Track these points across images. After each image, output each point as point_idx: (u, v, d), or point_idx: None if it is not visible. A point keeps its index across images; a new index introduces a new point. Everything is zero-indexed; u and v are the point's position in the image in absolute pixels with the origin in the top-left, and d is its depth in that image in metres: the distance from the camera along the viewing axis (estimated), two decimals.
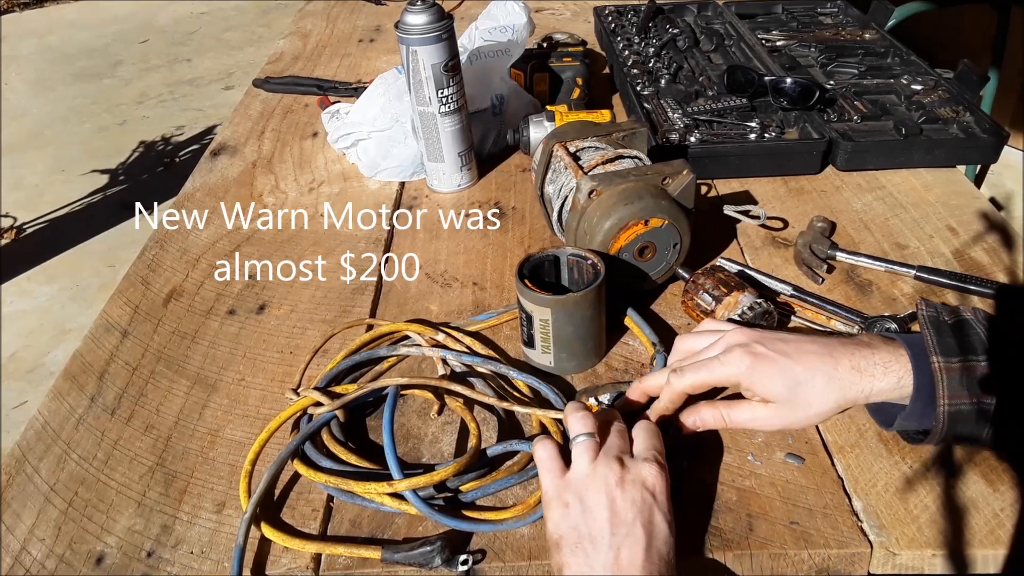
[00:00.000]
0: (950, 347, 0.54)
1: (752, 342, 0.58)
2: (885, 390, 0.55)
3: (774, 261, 0.83)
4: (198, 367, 0.75)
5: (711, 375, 0.58)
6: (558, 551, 0.51)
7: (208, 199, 1.03)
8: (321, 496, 0.61)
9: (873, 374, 0.55)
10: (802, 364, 0.56)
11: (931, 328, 0.55)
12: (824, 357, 0.56)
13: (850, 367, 0.55)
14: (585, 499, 0.52)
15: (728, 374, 0.58)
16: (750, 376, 0.57)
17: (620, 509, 0.51)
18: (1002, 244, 0.83)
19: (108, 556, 0.58)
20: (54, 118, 3.51)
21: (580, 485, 0.53)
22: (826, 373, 0.55)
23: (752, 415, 0.59)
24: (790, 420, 0.58)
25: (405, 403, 0.69)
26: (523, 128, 1.03)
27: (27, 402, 1.98)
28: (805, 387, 0.56)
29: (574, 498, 0.52)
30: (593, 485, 0.52)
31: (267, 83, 1.33)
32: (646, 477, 0.53)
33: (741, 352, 0.57)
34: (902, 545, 0.54)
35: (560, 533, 0.51)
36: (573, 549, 0.50)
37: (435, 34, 0.87)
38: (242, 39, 4.25)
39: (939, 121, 0.99)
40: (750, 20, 1.33)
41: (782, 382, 0.56)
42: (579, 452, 0.54)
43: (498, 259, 0.87)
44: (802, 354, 0.56)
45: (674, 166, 0.75)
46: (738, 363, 0.57)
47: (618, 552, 0.49)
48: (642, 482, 0.52)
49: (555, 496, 0.53)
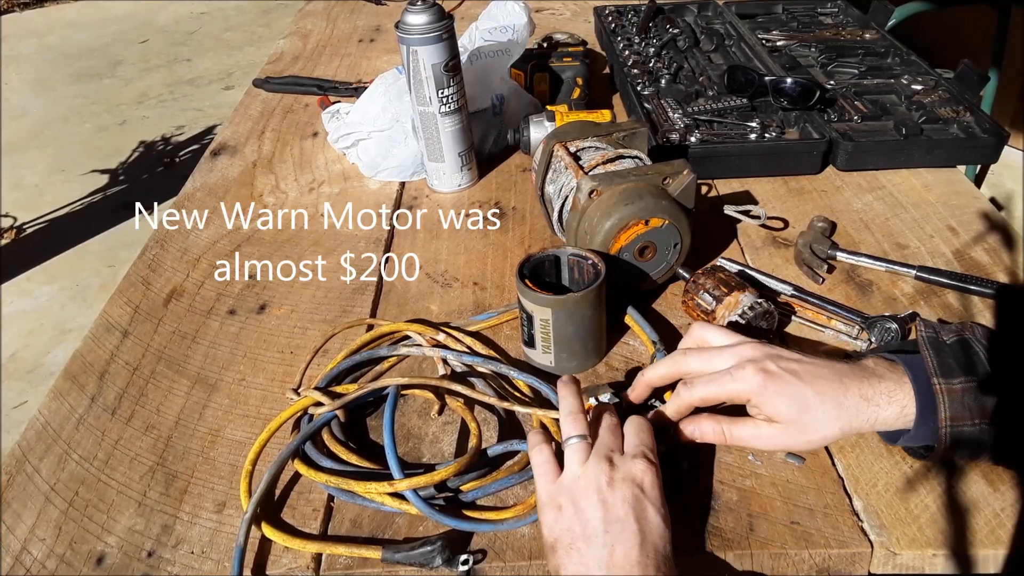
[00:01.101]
0: (950, 368, 0.54)
1: (765, 358, 0.57)
2: (889, 419, 0.55)
3: (774, 261, 0.83)
4: (198, 367, 0.75)
5: (721, 389, 0.58)
6: (554, 554, 0.51)
7: (208, 199, 1.03)
8: (321, 496, 0.61)
9: (879, 404, 0.55)
10: (813, 388, 0.55)
11: (931, 350, 0.56)
12: (834, 383, 0.55)
13: (859, 395, 0.55)
14: (577, 501, 0.52)
15: (738, 390, 0.57)
16: (760, 394, 0.56)
17: (612, 507, 0.51)
18: (1002, 244, 0.83)
19: (109, 556, 0.58)
20: (54, 118, 3.51)
21: (572, 487, 0.53)
22: (835, 400, 0.55)
23: (755, 433, 0.58)
24: (792, 443, 0.57)
25: (405, 403, 0.69)
26: (523, 128, 1.03)
27: (27, 402, 1.98)
28: (813, 411, 0.55)
29: (567, 501, 0.52)
30: (584, 487, 0.52)
31: (267, 83, 1.33)
32: (635, 473, 0.53)
33: (754, 369, 0.56)
34: (903, 545, 0.54)
35: (555, 536, 0.52)
36: (568, 550, 0.50)
37: (435, 34, 0.87)
38: (242, 39, 4.25)
39: (939, 121, 0.99)
40: (750, 20, 1.33)
41: (791, 404, 0.55)
42: (571, 454, 0.55)
43: (498, 259, 0.87)
44: (814, 378, 0.56)
45: (674, 166, 0.75)
46: (750, 380, 0.56)
47: (612, 549, 0.49)
48: (632, 479, 0.53)
49: (548, 501, 0.53)
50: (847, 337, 0.71)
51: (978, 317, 0.74)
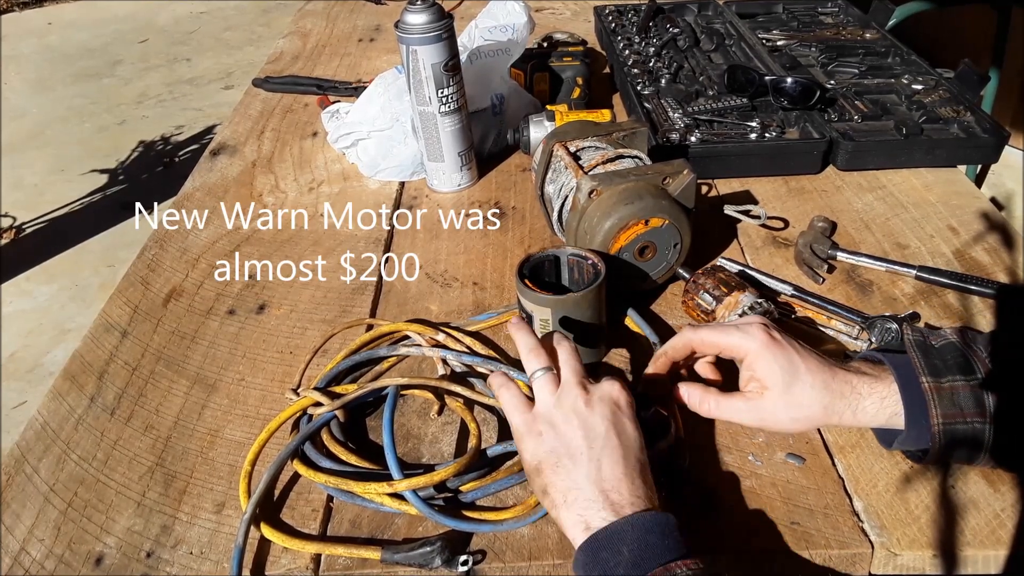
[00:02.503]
0: (938, 368, 0.55)
1: (772, 327, 0.59)
2: (870, 411, 0.56)
3: (775, 261, 0.83)
4: (198, 367, 0.75)
5: (726, 337, 0.59)
6: (539, 475, 0.53)
7: (208, 199, 1.03)
8: (321, 496, 0.61)
9: (860, 392, 0.56)
10: (805, 363, 0.57)
11: (918, 351, 0.56)
12: (824, 365, 0.57)
13: (843, 381, 0.56)
14: (557, 425, 0.54)
15: (741, 344, 0.58)
16: (759, 353, 0.57)
17: (592, 425, 0.53)
18: (1003, 244, 0.83)
19: (107, 556, 0.58)
20: (54, 118, 3.50)
21: (549, 414, 0.54)
22: (823, 379, 0.56)
23: (743, 406, 0.58)
24: (778, 418, 0.57)
25: (405, 403, 0.69)
26: (523, 128, 1.03)
27: (27, 402, 1.97)
28: (802, 384, 0.56)
29: (546, 426, 0.54)
30: (562, 411, 0.54)
31: (267, 83, 1.33)
32: (610, 392, 0.55)
33: (760, 328, 0.58)
34: (903, 545, 0.54)
35: (538, 459, 0.53)
36: (555, 468, 0.52)
37: (435, 34, 0.87)
38: (242, 39, 4.24)
39: (940, 121, 0.99)
40: (750, 20, 1.32)
41: (783, 369, 0.56)
42: (540, 386, 0.56)
43: (498, 259, 0.87)
44: (808, 355, 0.58)
45: (674, 166, 0.75)
46: (755, 336, 0.58)
47: (599, 464, 0.51)
48: (608, 397, 0.55)
49: (527, 430, 0.55)
50: (847, 337, 0.71)
51: (978, 317, 0.73)
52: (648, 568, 0.46)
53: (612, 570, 0.47)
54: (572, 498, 0.50)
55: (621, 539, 0.48)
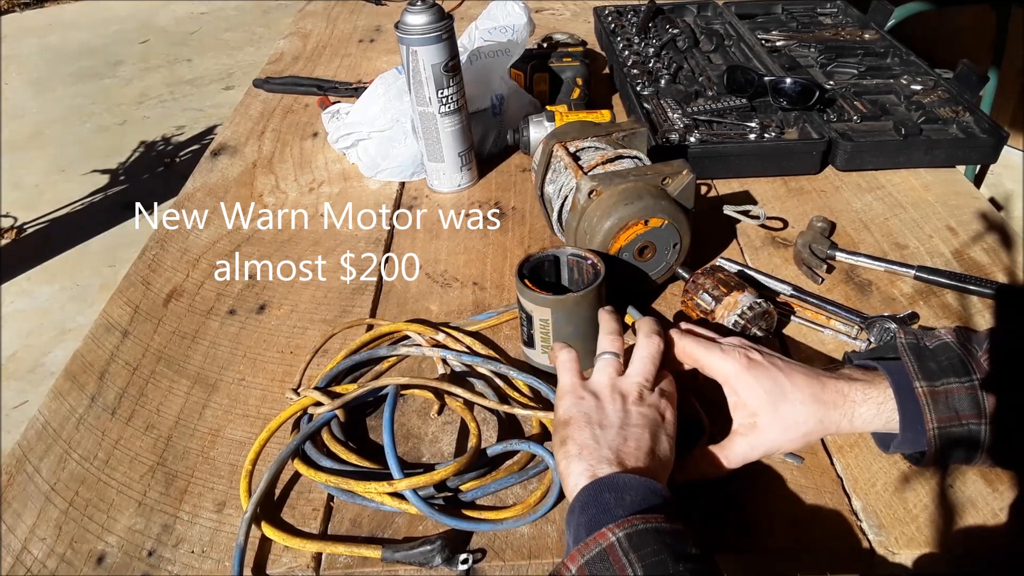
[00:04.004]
0: (932, 371, 0.54)
1: (751, 348, 0.59)
2: (867, 417, 0.55)
3: (774, 261, 0.83)
4: (198, 367, 0.75)
5: (708, 356, 0.59)
6: (566, 427, 0.54)
7: (208, 199, 1.03)
8: (321, 496, 0.61)
9: (855, 400, 0.56)
10: (791, 380, 0.56)
11: (911, 355, 0.56)
12: (811, 378, 0.57)
13: (835, 391, 0.56)
14: (602, 399, 0.56)
15: (721, 366, 0.58)
16: (739, 375, 0.57)
17: (632, 417, 0.54)
18: (1001, 244, 0.83)
19: (109, 555, 0.58)
20: (54, 118, 3.51)
21: (598, 389, 0.56)
22: (812, 393, 0.56)
23: (745, 441, 0.57)
24: (776, 439, 0.57)
25: (405, 403, 0.69)
26: (523, 128, 1.03)
27: (27, 402, 1.98)
28: (791, 401, 0.55)
29: (590, 394, 0.56)
30: (611, 394, 0.56)
31: (267, 83, 1.33)
32: (660, 404, 0.56)
33: (739, 352, 0.58)
34: (901, 545, 0.55)
35: (570, 415, 0.54)
36: (582, 427, 0.53)
37: (435, 34, 0.87)
38: (242, 39, 4.24)
39: (939, 121, 0.99)
40: (750, 20, 1.33)
41: (767, 391, 0.56)
42: (602, 366, 0.58)
43: (498, 259, 0.87)
44: (792, 371, 0.57)
45: (674, 166, 0.75)
46: (734, 360, 0.57)
47: (625, 440, 0.52)
48: (657, 407, 0.56)
49: (571, 390, 0.56)
50: (846, 337, 0.72)
51: (977, 317, 0.74)
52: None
53: (612, 510, 0.47)
54: (588, 452, 0.52)
55: (626, 488, 0.48)
